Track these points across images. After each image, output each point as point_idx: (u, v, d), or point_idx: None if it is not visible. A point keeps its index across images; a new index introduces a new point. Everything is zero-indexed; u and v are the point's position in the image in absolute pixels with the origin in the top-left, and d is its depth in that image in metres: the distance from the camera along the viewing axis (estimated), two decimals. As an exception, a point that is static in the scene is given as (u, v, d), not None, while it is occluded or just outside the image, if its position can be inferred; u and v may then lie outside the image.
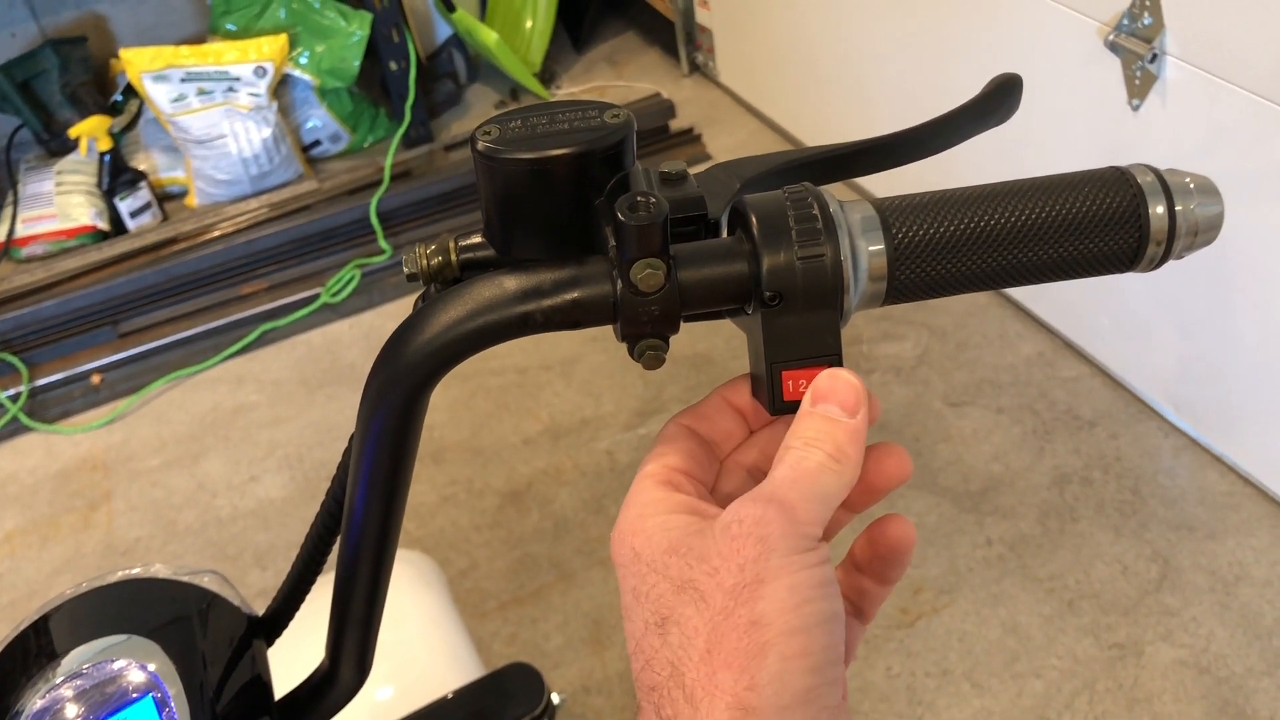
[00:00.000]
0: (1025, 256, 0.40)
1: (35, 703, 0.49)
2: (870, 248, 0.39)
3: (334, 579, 0.51)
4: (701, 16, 2.67)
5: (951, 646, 1.52)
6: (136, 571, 0.55)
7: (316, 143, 2.60)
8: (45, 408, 2.13)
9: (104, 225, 2.43)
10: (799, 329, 0.38)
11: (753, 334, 0.41)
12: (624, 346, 0.41)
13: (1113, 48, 1.53)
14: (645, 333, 0.39)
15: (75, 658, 0.51)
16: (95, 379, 2.17)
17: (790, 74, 2.40)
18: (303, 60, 2.44)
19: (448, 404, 2.00)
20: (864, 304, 0.40)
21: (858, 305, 0.39)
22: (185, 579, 0.55)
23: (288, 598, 0.56)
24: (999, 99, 0.48)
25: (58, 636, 0.52)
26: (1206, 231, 0.40)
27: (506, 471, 1.86)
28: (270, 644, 0.57)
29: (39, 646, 0.52)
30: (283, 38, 2.37)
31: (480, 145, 0.39)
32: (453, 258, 0.42)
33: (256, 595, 1.27)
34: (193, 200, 2.51)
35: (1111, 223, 0.39)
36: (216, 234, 2.40)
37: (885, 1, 1.98)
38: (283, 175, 2.50)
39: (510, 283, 0.39)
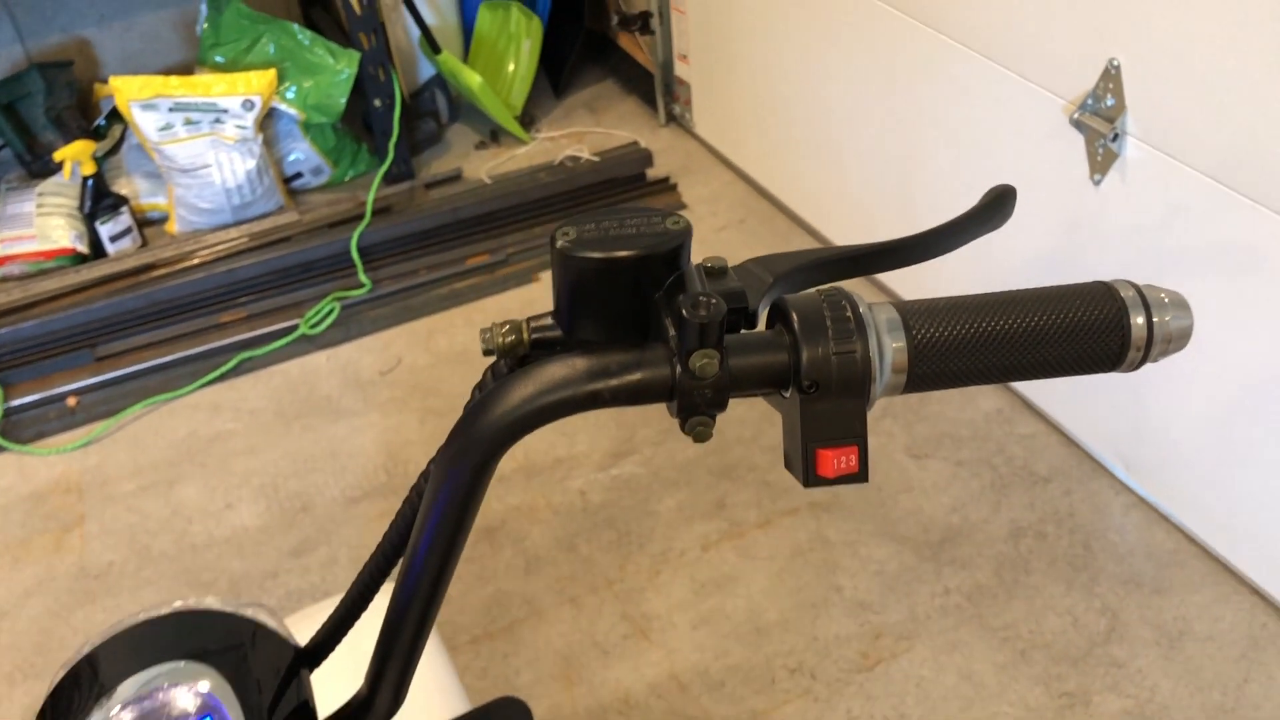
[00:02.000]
0: (1025, 358, 0.46)
1: None
2: (894, 345, 0.45)
3: (386, 615, 0.56)
4: (681, 70, 2.75)
5: (909, 691, 1.58)
6: (191, 602, 0.59)
7: (298, 175, 2.64)
8: (20, 428, 2.14)
9: (83, 248, 2.45)
10: (831, 414, 0.44)
11: (788, 415, 0.46)
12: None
13: (1077, 125, 1.62)
14: (699, 411, 0.45)
15: (135, 682, 0.55)
16: (71, 401, 2.18)
17: (764, 130, 2.48)
18: (289, 95, 2.49)
19: (424, 439, 2.04)
20: (886, 393, 0.46)
21: (881, 394, 0.45)
22: (236, 610, 0.59)
23: (334, 630, 0.60)
24: (996, 208, 0.55)
25: (117, 663, 0.56)
26: (1179, 340, 0.47)
27: (480, 508, 1.89)
28: (312, 671, 0.61)
29: (98, 673, 0.56)
30: (271, 73, 2.41)
31: (559, 244, 0.44)
32: (525, 336, 0.47)
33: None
34: (173, 227, 2.54)
35: (1099, 331, 0.46)
36: (196, 261, 2.43)
37: (860, 67, 2.07)
38: (264, 206, 2.53)
39: (580, 364, 0.45)
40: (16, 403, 2.17)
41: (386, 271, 2.43)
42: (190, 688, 0.55)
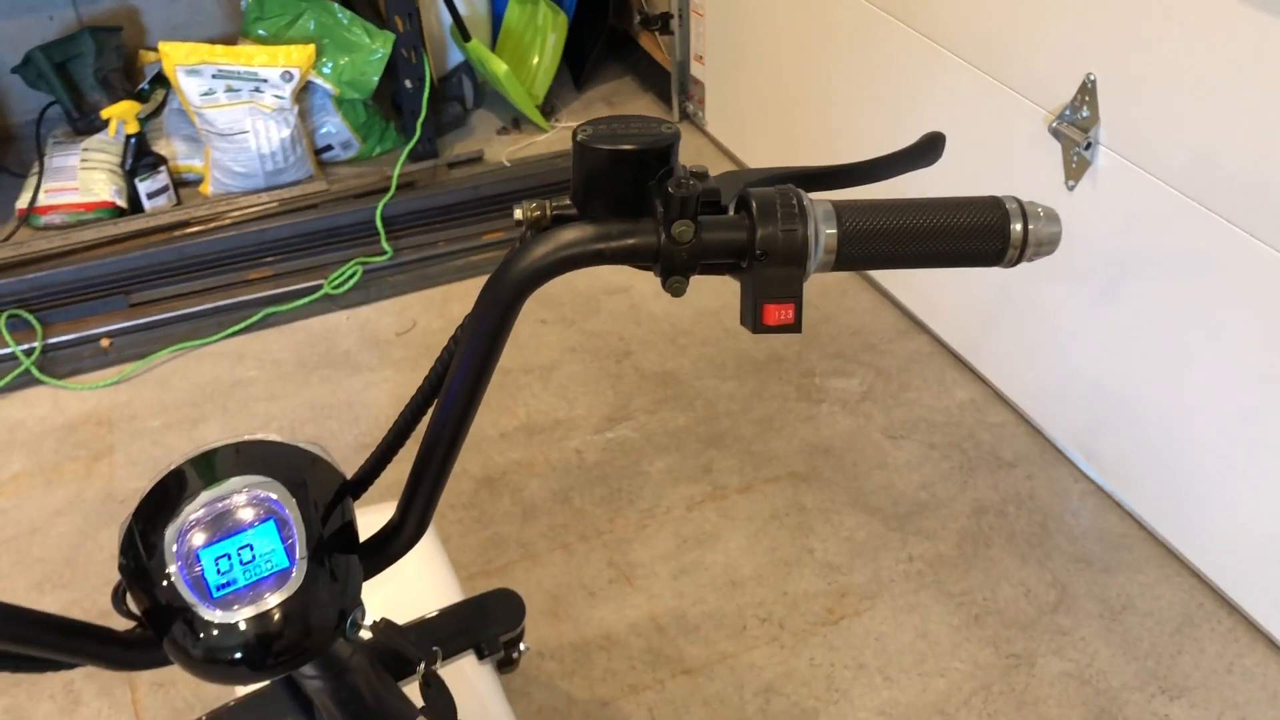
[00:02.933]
0: (928, 248, 0.60)
1: (185, 521, 0.67)
2: (827, 230, 0.58)
3: (420, 447, 0.69)
4: (696, 70, 2.90)
5: (869, 645, 1.71)
6: (259, 435, 0.73)
7: (329, 147, 2.79)
8: (55, 364, 2.28)
9: (122, 203, 2.60)
10: (776, 278, 0.58)
11: (744, 282, 0.60)
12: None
13: (1055, 134, 1.76)
14: (676, 271, 0.59)
15: (216, 490, 0.68)
16: (105, 343, 2.33)
17: (772, 130, 2.62)
18: (326, 70, 2.63)
19: (433, 395, 2.18)
20: (819, 269, 0.59)
21: (815, 269, 0.59)
22: (296, 443, 0.73)
23: (375, 464, 0.74)
24: (927, 149, 0.68)
25: (200, 475, 0.70)
26: (1048, 244, 0.61)
27: (483, 460, 2.04)
28: (356, 500, 0.74)
29: (187, 479, 0.69)
30: (310, 47, 2.56)
31: (580, 137, 0.58)
32: (547, 211, 0.61)
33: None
34: (207, 188, 2.68)
35: (986, 233, 0.59)
36: (228, 221, 2.57)
37: (861, 72, 2.21)
38: (295, 174, 2.68)
39: (589, 230, 0.58)
40: (54, 341, 2.32)
41: (407, 241, 2.57)
42: (259, 496, 0.68)
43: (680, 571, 1.83)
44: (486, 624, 1.14)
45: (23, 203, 2.59)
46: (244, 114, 2.55)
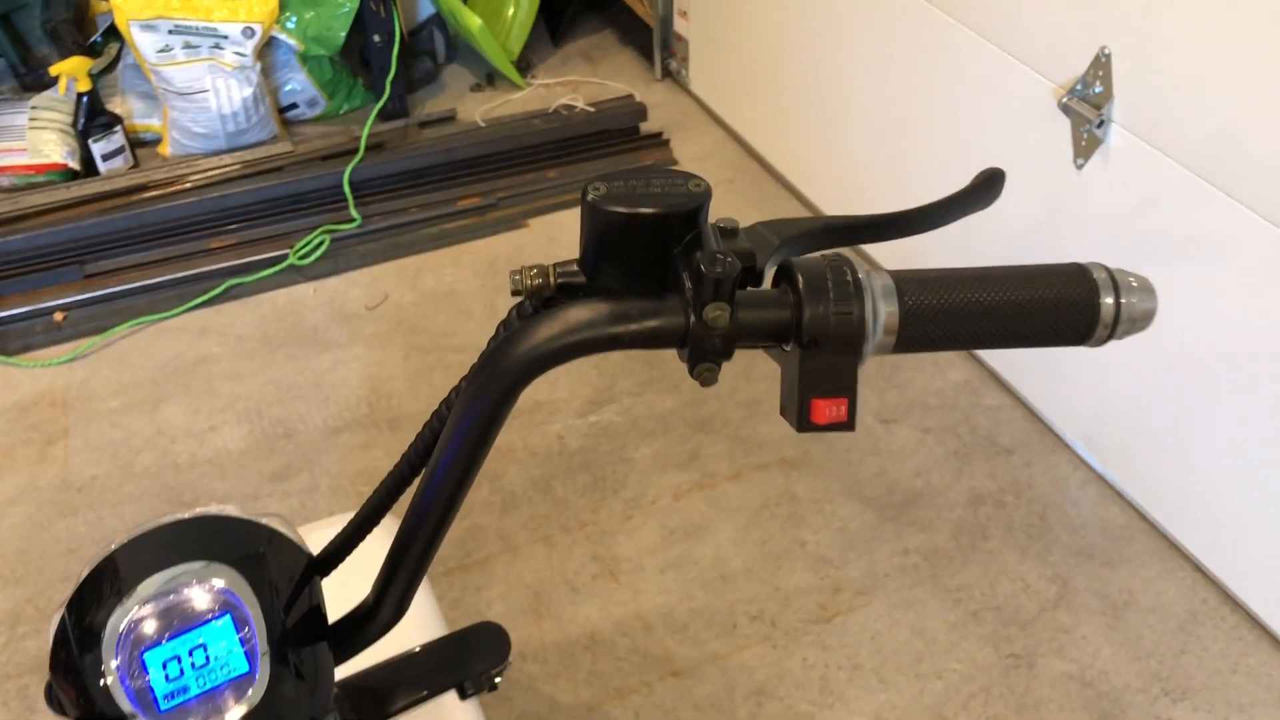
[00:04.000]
0: (1003, 329, 0.51)
1: (124, 618, 0.57)
2: (887, 309, 0.49)
3: (399, 529, 0.60)
4: (680, 26, 2.77)
5: (864, 644, 1.65)
6: (212, 509, 0.63)
7: (293, 106, 2.65)
8: (6, 340, 2.16)
9: (75, 165, 2.46)
10: (826, 368, 0.49)
11: (787, 367, 0.51)
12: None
13: (1065, 109, 1.67)
14: (707, 358, 0.50)
15: (159, 579, 0.59)
16: (59, 316, 2.21)
17: (759, 92, 2.51)
18: (290, 25, 2.49)
19: (407, 375, 2.08)
20: (877, 352, 0.51)
21: (872, 352, 0.50)
22: (253, 518, 0.64)
23: (345, 542, 0.65)
24: (985, 189, 0.59)
25: (142, 561, 0.60)
26: (1143, 320, 0.52)
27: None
28: (322, 579, 0.66)
29: (121, 571, 0.60)
30: (273, 1, 2.42)
31: (590, 196, 0.49)
32: (551, 280, 0.52)
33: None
34: (166, 149, 2.55)
35: (1072, 309, 0.51)
36: (188, 185, 2.44)
37: (859, 36, 2.10)
38: (258, 135, 2.55)
39: (603, 308, 0.49)
40: (3, 314, 2.19)
41: (377, 208, 2.45)
42: (211, 586, 0.59)
43: (668, 565, 1.76)
44: (471, 659, 1.06)
45: (-32, 164, 2.45)
46: (203, 71, 2.42)
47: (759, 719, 1.56)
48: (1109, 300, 0.51)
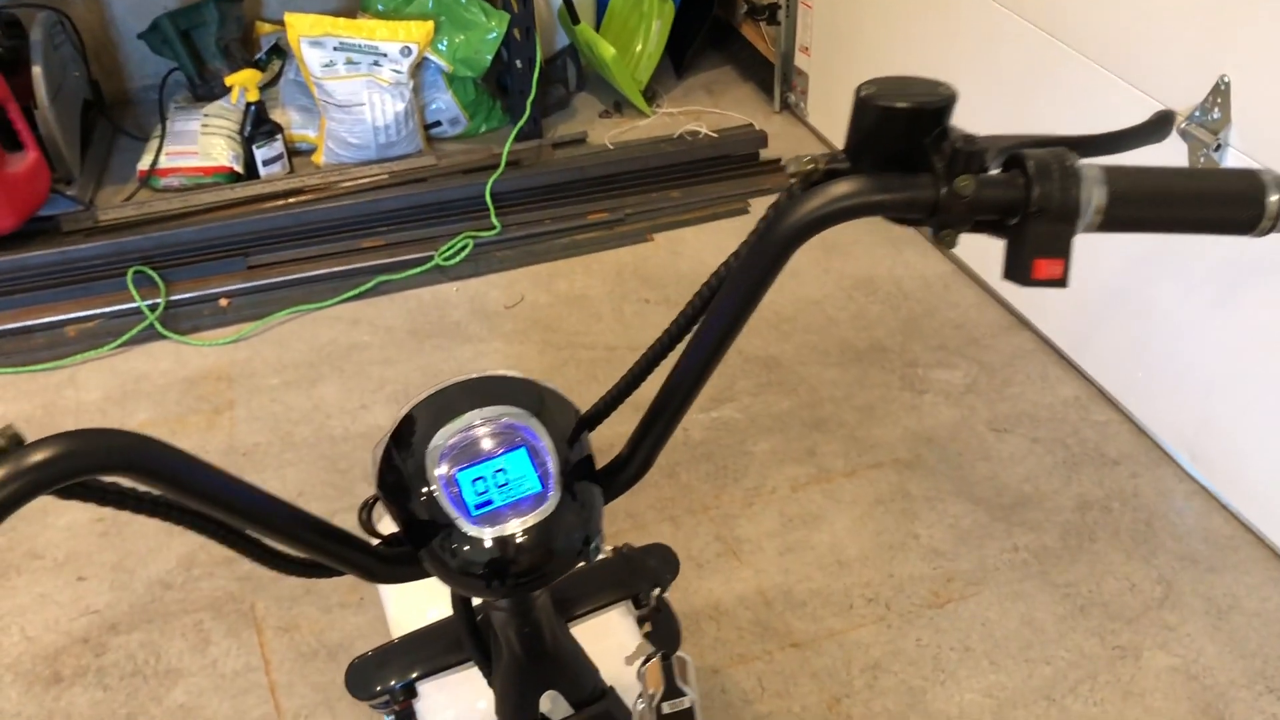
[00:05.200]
0: (1187, 214, 0.63)
1: (446, 440, 0.71)
2: (1099, 191, 0.62)
3: (661, 389, 0.73)
4: (801, 61, 2.93)
5: (975, 629, 1.74)
6: (502, 371, 0.77)
7: (437, 123, 2.85)
8: (177, 320, 2.36)
9: (239, 168, 2.68)
10: (1048, 234, 0.61)
11: (1012, 238, 0.63)
12: None
13: (1183, 134, 1.77)
14: (951, 224, 0.62)
15: (471, 416, 0.72)
16: (224, 302, 2.40)
17: (878, 123, 2.64)
18: (441, 47, 2.69)
19: (542, 368, 2.23)
20: (1086, 229, 0.63)
21: (1082, 228, 0.62)
22: (537, 380, 0.77)
23: (610, 402, 0.78)
24: (1156, 127, 0.72)
25: (453, 405, 0.74)
26: None
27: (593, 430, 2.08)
28: (591, 433, 0.79)
29: (442, 407, 0.74)
30: (430, 24, 2.62)
31: (863, 93, 0.62)
32: (820, 165, 0.65)
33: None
34: (320, 158, 2.76)
35: (1242, 200, 0.62)
36: (341, 190, 2.64)
37: (977, 69, 2.23)
38: (406, 147, 2.74)
39: (866, 182, 0.62)
40: (176, 298, 2.40)
41: (514, 218, 2.62)
42: (513, 423, 0.72)
43: (786, 549, 1.87)
44: (643, 576, 1.18)
45: (144, 164, 2.68)
46: (362, 86, 2.62)
47: (874, 689, 1.66)
48: (1274, 198, 0.62)
